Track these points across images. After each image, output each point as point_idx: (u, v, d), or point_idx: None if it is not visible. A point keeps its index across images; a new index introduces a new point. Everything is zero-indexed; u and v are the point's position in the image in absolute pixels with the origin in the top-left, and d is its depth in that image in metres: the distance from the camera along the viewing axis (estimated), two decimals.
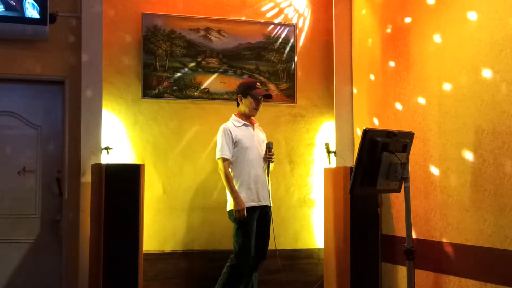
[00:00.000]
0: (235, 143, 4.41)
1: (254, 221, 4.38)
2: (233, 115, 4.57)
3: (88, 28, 4.64)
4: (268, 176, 4.48)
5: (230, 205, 4.39)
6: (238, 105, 4.57)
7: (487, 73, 3.66)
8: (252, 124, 4.56)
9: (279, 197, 5.16)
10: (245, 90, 4.52)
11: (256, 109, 4.53)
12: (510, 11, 3.50)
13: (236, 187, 4.35)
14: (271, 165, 4.57)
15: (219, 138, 4.43)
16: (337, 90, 5.21)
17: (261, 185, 4.42)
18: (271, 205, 4.51)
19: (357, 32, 5.19)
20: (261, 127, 4.65)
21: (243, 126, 4.50)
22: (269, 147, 4.51)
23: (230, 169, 4.38)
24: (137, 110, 4.90)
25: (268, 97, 4.64)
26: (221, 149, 4.38)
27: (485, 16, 3.69)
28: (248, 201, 4.36)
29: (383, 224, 4.76)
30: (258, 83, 4.61)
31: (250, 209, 4.35)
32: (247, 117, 4.55)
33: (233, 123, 4.50)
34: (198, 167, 4.99)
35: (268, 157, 4.50)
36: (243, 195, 4.34)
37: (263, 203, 4.42)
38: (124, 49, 4.90)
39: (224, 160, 4.36)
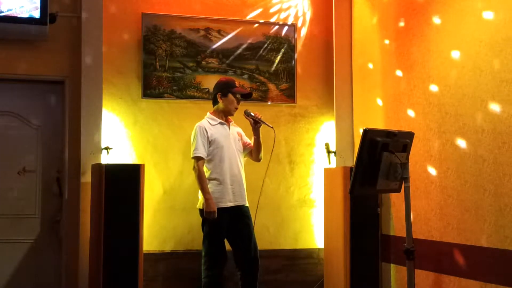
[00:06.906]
0: (211, 142, 4.32)
1: (225, 224, 4.30)
2: (208, 113, 4.48)
3: (88, 28, 4.64)
4: (259, 155, 4.45)
5: (202, 204, 4.28)
6: (214, 103, 4.49)
7: (487, 73, 3.66)
8: (228, 122, 4.48)
9: (279, 197, 5.17)
10: (225, 89, 4.42)
11: (236, 108, 4.45)
12: (510, 11, 3.50)
13: (212, 187, 4.28)
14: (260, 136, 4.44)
15: (194, 137, 4.34)
16: (337, 90, 5.20)
17: (237, 184, 4.35)
18: (248, 205, 4.44)
19: (357, 32, 5.19)
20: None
21: (218, 125, 4.41)
22: (248, 113, 4.41)
23: (205, 168, 4.31)
24: (137, 110, 4.90)
25: (248, 96, 4.61)
26: (196, 148, 4.29)
27: (485, 16, 3.69)
28: (225, 201, 4.29)
29: (383, 224, 4.75)
30: (236, 82, 4.56)
31: (225, 210, 4.27)
32: (224, 116, 4.46)
33: (208, 122, 4.40)
34: None
35: (258, 119, 4.39)
36: (218, 195, 4.27)
37: (239, 203, 4.35)
38: (124, 49, 4.89)
39: (199, 159, 4.28)
